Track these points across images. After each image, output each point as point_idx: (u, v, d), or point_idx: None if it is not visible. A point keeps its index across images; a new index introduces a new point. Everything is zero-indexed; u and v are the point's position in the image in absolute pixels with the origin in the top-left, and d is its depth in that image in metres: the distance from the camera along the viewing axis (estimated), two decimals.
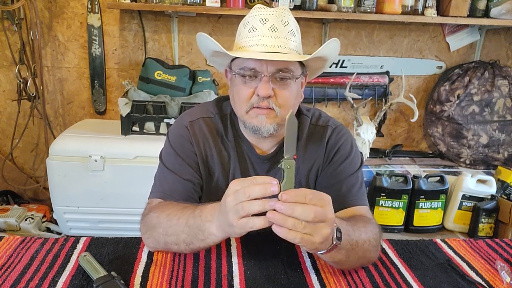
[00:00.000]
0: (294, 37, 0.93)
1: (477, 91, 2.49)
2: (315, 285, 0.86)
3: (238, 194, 0.72)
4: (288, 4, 2.13)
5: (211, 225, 0.80)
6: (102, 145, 2.00)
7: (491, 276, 0.93)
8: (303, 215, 0.69)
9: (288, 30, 0.92)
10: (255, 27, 0.92)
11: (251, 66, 0.91)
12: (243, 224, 0.72)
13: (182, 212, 0.87)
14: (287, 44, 0.92)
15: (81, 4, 2.29)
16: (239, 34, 0.97)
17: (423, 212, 2.31)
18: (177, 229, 0.86)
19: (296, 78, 0.95)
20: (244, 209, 0.70)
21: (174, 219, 0.87)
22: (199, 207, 0.84)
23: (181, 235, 0.86)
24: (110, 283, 0.79)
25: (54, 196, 2.05)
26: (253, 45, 0.91)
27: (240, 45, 0.95)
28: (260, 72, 0.91)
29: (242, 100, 0.95)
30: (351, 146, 1.06)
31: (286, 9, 0.95)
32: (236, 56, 0.92)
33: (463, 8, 2.29)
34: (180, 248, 0.89)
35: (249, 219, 0.72)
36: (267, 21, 0.91)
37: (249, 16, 0.95)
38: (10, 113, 2.42)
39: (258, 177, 0.73)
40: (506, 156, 2.58)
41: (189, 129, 1.04)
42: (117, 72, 2.43)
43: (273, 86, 0.92)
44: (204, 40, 0.97)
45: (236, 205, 0.71)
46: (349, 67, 2.53)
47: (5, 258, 0.90)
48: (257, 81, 0.92)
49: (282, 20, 0.92)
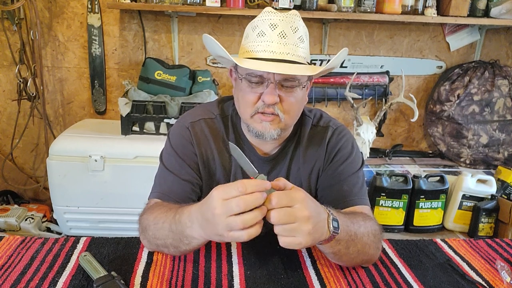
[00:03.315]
0: (303, 44, 0.93)
1: (477, 91, 2.49)
2: (315, 285, 0.86)
3: (229, 205, 0.69)
4: (288, 4, 2.13)
5: (191, 231, 0.79)
6: (102, 145, 2.00)
7: (491, 276, 0.93)
8: (272, 220, 0.71)
9: (297, 37, 0.91)
10: (264, 32, 0.90)
11: (258, 73, 0.91)
12: (236, 237, 0.71)
13: (166, 216, 0.86)
14: (296, 52, 0.91)
15: (81, 4, 2.29)
16: (247, 36, 0.95)
17: (423, 212, 2.31)
18: (163, 233, 0.86)
19: (303, 86, 0.95)
20: (238, 224, 0.69)
21: (160, 223, 0.87)
22: (179, 212, 0.83)
23: (167, 239, 0.86)
24: (110, 283, 0.79)
25: (54, 196, 2.05)
26: (261, 50, 0.90)
27: (248, 49, 0.93)
28: (266, 79, 0.91)
29: (247, 104, 0.94)
30: (352, 146, 1.06)
31: (296, 14, 0.93)
32: (244, 66, 0.89)
33: (463, 8, 2.29)
34: (169, 250, 0.89)
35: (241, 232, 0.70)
36: (277, 26, 0.90)
37: (258, 19, 0.93)
38: (10, 113, 2.42)
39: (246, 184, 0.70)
40: (506, 156, 2.58)
41: (190, 130, 1.04)
42: (117, 72, 2.43)
43: (279, 92, 0.91)
44: (210, 43, 0.96)
45: (228, 218, 0.70)
46: (349, 67, 2.53)
47: (5, 258, 0.90)
48: (263, 87, 0.92)
49: (292, 26, 0.91)
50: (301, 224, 0.71)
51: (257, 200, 0.69)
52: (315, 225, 0.73)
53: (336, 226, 0.78)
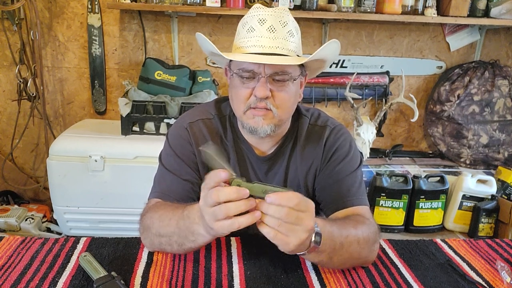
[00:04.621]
0: (293, 38, 0.93)
1: (477, 91, 2.49)
2: (315, 285, 0.86)
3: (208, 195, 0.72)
4: (288, 4, 2.13)
5: (199, 227, 0.79)
6: (102, 145, 2.00)
7: (491, 276, 0.93)
8: (276, 213, 0.71)
9: (286, 31, 0.92)
10: (253, 28, 0.92)
11: (249, 68, 0.91)
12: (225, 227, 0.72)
13: (173, 213, 0.87)
14: (286, 45, 0.91)
15: (81, 4, 2.29)
16: (238, 34, 0.97)
17: (423, 212, 2.31)
18: (168, 230, 0.87)
19: (294, 79, 0.95)
20: (222, 211, 0.71)
21: (166, 220, 0.87)
22: (188, 208, 0.83)
23: (173, 236, 0.86)
24: (110, 283, 0.79)
25: (54, 196, 2.05)
26: (251, 46, 0.91)
27: (239, 45, 0.94)
28: (257, 73, 0.91)
29: (240, 100, 0.95)
30: (349, 145, 1.06)
31: (285, 9, 0.94)
32: (232, 59, 0.92)
33: (463, 8, 2.29)
34: (173, 248, 0.89)
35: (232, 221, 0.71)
36: (266, 21, 0.91)
37: (248, 16, 0.94)
38: (10, 113, 2.42)
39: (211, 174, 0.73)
40: (506, 156, 2.58)
41: (188, 130, 1.04)
42: (117, 72, 2.43)
43: (271, 87, 0.92)
44: (201, 40, 0.97)
45: (211, 207, 0.72)
46: (349, 67, 2.53)
47: (5, 258, 0.90)
48: (255, 82, 0.92)
49: (281, 20, 0.91)
50: (301, 230, 0.72)
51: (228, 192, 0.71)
52: (308, 237, 0.74)
53: (318, 240, 0.77)
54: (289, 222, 0.71)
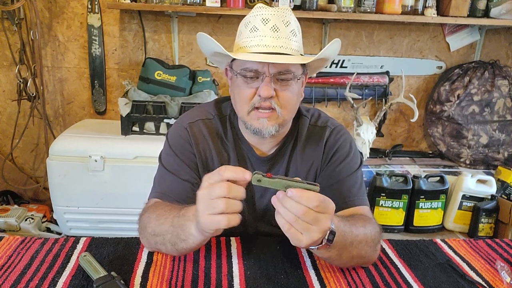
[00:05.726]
0: (295, 37, 0.93)
1: (477, 91, 2.49)
2: (315, 285, 0.86)
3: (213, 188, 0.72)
4: (288, 4, 2.13)
5: (191, 225, 0.79)
6: (102, 145, 2.00)
7: (491, 276, 0.93)
8: (293, 209, 0.71)
9: (289, 30, 0.92)
10: (257, 27, 0.92)
11: (253, 68, 0.91)
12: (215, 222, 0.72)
13: (169, 212, 0.87)
14: (289, 45, 0.91)
15: (81, 4, 2.29)
16: (240, 33, 0.97)
17: (423, 212, 2.31)
18: (163, 229, 0.86)
19: (298, 79, 0.95)
20: (221, 205, 0.71)
21: (162, 219, 0.87)
22: (185, 207, 0.83)
23: (167, 235, 0.86)
24: (110, 283, 0.79)
25: (54, 196, 2.05)
26: (255, 45, 0.91)
27: (241, 45, 0.94)
28: (261, 73, 0.91)
29: (243, 100, 0.95)
30: (350, 146, 1.06)
31: (288, 9, 0.94)
32: (238, 58, 0.92)
33: (463, 8, 2.29)
34: (167, 248, 0.89)
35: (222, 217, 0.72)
36: (269, 21, 0.91)
37: (250, 15, 0.94)
38: (10, 113, 2.42)
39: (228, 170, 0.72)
40: (506, 156, 2.58)
41: (188, 131, 1.04)
42: (117, 72, 2.43)
43: (275, 86, 0.92)
44: (205, 40, 0.97)
45: (211, 200, 0.72)
46: (349, 67, 2.53)
47: (5, 258, 0.90)
48: (258, 82, 0.92)
49: (284, 20, 0.92)
50: (316, 231, 0.72)
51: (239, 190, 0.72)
52: (322, 236, 0.74)
53: (331, 238, 0.77)
54: (305, 221, 0.71)
